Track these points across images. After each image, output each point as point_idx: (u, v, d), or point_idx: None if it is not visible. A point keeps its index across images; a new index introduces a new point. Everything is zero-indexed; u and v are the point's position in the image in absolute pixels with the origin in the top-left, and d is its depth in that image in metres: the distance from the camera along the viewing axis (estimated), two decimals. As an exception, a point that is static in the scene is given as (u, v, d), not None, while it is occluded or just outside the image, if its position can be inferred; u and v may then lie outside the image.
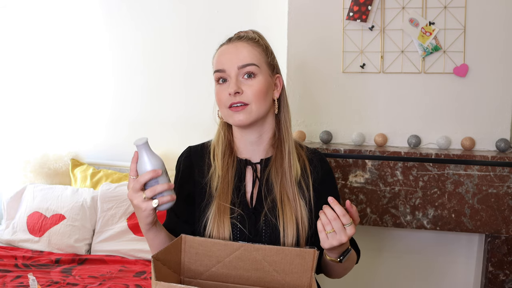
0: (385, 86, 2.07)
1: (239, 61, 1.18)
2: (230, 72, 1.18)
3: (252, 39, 1.23)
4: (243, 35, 1.24)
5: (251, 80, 1.18)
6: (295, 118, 2.15)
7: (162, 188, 1.05)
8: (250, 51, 1.19)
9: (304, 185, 1.23)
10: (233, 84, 1.17)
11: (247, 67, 1.18)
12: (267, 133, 1.26)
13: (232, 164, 1.24)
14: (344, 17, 2.06)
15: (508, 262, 1.94)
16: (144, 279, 1.92)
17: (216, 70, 1.21)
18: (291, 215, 1.18)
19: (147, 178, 1.04)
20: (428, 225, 1.95)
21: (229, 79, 1.18)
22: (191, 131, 2.44)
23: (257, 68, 1.19)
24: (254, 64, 1.19)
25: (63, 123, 2.68)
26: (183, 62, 2.47)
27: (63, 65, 2.64)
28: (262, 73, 1.20)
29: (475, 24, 1.97)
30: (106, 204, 2.25)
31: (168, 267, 1.07)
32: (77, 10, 2.58)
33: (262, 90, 1.19)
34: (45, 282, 1.86)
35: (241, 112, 1.17)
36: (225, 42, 1.24)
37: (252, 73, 1.18)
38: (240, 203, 1.22)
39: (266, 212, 1.20)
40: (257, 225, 1.20)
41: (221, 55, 1.21)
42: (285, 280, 1.08)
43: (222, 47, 1.23)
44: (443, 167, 1.91)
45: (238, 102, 1.17)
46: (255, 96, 1.18)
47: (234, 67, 1.18)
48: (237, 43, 1.21)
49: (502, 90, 1.98)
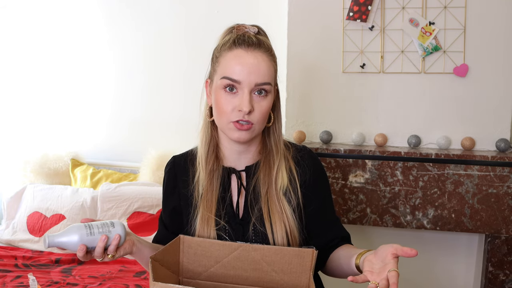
0: (385, 86, 2.07)
1: (259, 77, 1.07)
2: (244, 86, 1.07)
3: (269, 50, 1.12)
4: (258, 42, 1.11)
5: (262, 99, 1.09)
6: (295, 118, 2.15)
7: (97, 251, 1.05)
8: (269, 67, 1.10)
9: (291, 189, 1.17)
10: (247, 102, 1.06)
11: (264, 86, 1.09)
12: (255, 143, 1.20)
13: (217, 173, 1.19)
14: (344, 17, 2.06)
15: (508, 262, 1.93)
16: (144, 279, 1.92)
17: (227, 77, 1.09)
18: (280, 223, 1.14)
19: (82, 257, 1.05)
20: (428, 225, 1.95)
21: (240, 92, 1.08)
22: (191, 131, 2.41)
23: (270, 88, 1.11)
24: (269, 83, 1.10)
25: (63, 123, 2.68)
26: (183, 62, 2.47)
27: (63, 65, 2.64)
28: (271, 92, 1.12)
29: (475, 24, 1.96)
30: (106, 204, 2.25)
31: (167, 267, 1.07)
32: (77, 10, 2.58)
33: (268, 110, 1.12)
34: (45, 282, 1.86)
35: (246, 131, 1.09)
36: (239, 44, 1.10)
37: (266, 92, 1.10)
38: (226, 213, 1.17)
39: (254, 222, 1.15)
40: (246, 236, 1.16)
41: (236, 62, 1.08)
42: (283, 280, 1.08)
43: (236, 51, 1.09)
44: (443, 167, 1.90)
45: (246, 121, 1.08)
46: (262, 117, 1.10)
47: (251, 83, 1.07)
48: (257, 54, 1.09)
49: (502, 90, 1.97)
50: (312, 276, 1.02)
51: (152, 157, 2.35)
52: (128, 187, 2.28)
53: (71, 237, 1.03)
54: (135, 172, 2.48)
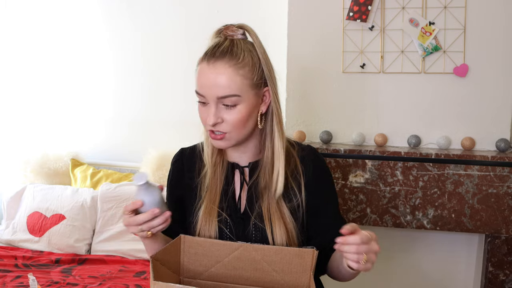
0: (385, 86, 2.07)
1: (218, 90, 1.08)
2: (209, 99, 1.10)
3: (236, 57, 1.10)
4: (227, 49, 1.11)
5: (231, 109, 1.10)
6: (295, 118, 2.16)
7: (158, 223, 1.05)
8: (231, 78, 1.08)
9: (295, 187, 1.18)
10: (212, 115, 1.09)
11: (227, 98, 1.09)
12: (252, 144, 1.20)
13: (221, 165, 1.22)
14: (344, 17, 2.06)
15: (508, 262, 1.94)
16: (144, 279, 1.92)
17: (196, 91, 1.13)
18: (280, 222, 1.14)
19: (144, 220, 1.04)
20: (428, 225, 1.95)
21: (208, 105, 1.11)
22: (191, 131, 2.42)
23: (237, 98, 1.09)
24: (234, 95, 1.09)
25: (63, 123, 2.68)
26: (183, 62, 2.46)
27: (63, 65, 2.64)
28: (244, 101, 1.10)
29: (475, 24, 1.96)
30: (106, 204, 2.25)
31: (167, 267, 1.07)
32: (77, 10, 2.58)
33: (243, 118, 1.11)
34: (45, 282, 1.86)
35: (221, 140, 1.13)
36: (206, 57, 1.12)
37: (233, 103, 1.10)
38: (229, 206, 1.19)
39: (254, 218, 1.16)
40: (246, 230, 1.17)
41: (200, 76, 1.11)
42: (284, 280, 1.08)
43: (202, 64, 1.12)
44: (443, 167, 1.90)
45: (218, 131, 1.12)
46: (234, 126, 1.11)
47: (213, 97, 1.09)
48: (217, 65, 1.09)
49: (502, 90, 1.98)
50: (312, 276, 1.02)
51: (152, 157, 2.35)
52: (128, 187, 2.28)
53: (154, 199, 1.04)
54: (135, 172, 2.48)
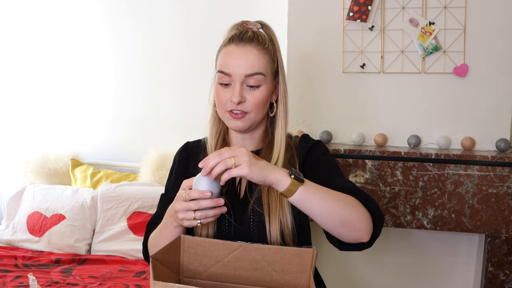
0: (385, 86, 2.07)
1: (247, 68, 1.16)
2: (235, 78, 1.17)
3: (262, 43, 1.19)
4: (253, 36, 1.19)
5: (255, 90, 1.18)
6: (295, 118, 2.16)
7: (214, 214, 1.05)
8: (260, 59, 1.17)
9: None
10: (237, 93, 1.16)
11: (254, 76, 1.17)
12: (258, 131, 1.28)
13: None
14: (344, 17, 2.06)
15: (508, 262, 1.94)
16: (144, 279, 1.92)
17: (221, 71, 1.19)
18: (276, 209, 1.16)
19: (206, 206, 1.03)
20: (428, 225, 1.95)
21: (233, 84, 1.17)
22: (191, 131, 2.41)
23: (263, 78, 1.18)
24: (261, 73, 1.17)
25: (63, 123, 2.68)
26: (183, 62, 2.47)
27: (63, 65, 2.64)
28: (266, 83, 1.19)
29: (475, 24, 1.96)
30: (106, 204, 2.25)
31: (167, 267, 1.07)
32: (77, 10, 2.58)
33: (264, 100, 1.19)
34: (45, 282, 1.86)
35: (240, 119, 1.19)
36: (233, 40, 1.19)
37: (257, 82, 1.17)
38: (228, 191, 1.23)
39: (254, 202, 1.20)
40: (244, 215, 1.20)
41: (228, 57, 1.18)
42: (284, 280, 1.08)
43: (229, 47, 1.19)
44: (443, 167, 1.90)
45: (239, 110, 1.18)
46: (256, 106, 1.19)
47: (241, 75, 1.16)
48: (247, 48, 1.17)
49: (502, 90, 1.98)
50: (312, 276, 1.02)
51: (152, 157, 2.35)
52: (128, 187, 2.28)
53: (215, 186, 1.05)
54: (135, 172, 2.48)
